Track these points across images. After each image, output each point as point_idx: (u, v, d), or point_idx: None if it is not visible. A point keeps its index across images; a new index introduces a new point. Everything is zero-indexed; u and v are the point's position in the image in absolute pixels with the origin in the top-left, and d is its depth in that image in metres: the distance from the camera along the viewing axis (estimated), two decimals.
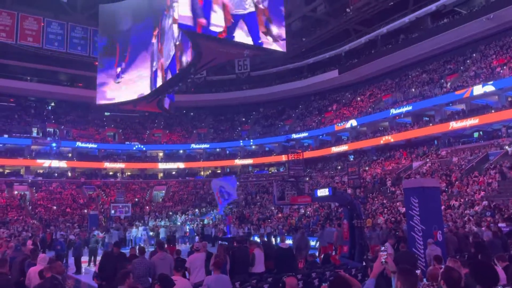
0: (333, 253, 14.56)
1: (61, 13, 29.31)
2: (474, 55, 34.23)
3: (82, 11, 30.30)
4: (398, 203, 23.16)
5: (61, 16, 29.29)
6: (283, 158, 41.62)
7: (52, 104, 49.71)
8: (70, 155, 45.17)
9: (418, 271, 6.03)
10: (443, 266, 5.63)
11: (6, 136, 41.39)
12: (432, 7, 33.80)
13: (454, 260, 5.66)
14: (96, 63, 22.78)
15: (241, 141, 48.59)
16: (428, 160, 29.50)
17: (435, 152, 30.66)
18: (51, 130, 45.76)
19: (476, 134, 30.73)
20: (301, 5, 36.96)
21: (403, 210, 19.51)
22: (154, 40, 17.78)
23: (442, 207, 16.19)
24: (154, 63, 17.61)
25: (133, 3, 19.10)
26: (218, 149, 50.07)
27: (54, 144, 43.40)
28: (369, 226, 17.35)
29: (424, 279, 5.38)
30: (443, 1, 33.02)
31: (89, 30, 29.20)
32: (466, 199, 20.41)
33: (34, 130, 45.07)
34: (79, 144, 44.99)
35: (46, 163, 42.48)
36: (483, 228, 14.08)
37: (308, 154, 40.91)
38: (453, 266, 4.53)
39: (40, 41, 27.65)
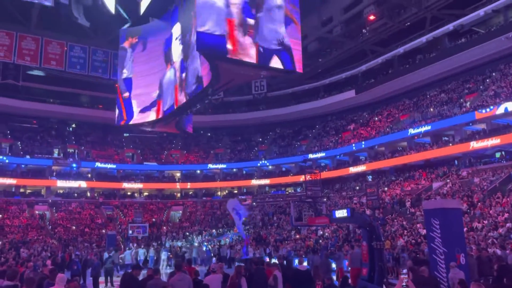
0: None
1: (83, 37, 30.18)
2: (493, 74, 33.81)
3: (104, 35, 31.14)
4: (418, 225, 22.65)
5: (83, 40, 30.14)
6: (300, 178, 41.35)
7: (73, 125, 50.78)
8: (89, 175, 45.81)
9: None
10: None
11: (28, 157, 42.45)
12: (450, 27, 33.70)
13: (478, 284, 5.50)
14: (117, 85, 23.28)
15: (259, 162, 48.57)
16: (448, 180, 28.93)
17: (456, 173, 30.07)
18: (72, 151, 46.62)
19: (498, 154, 30.09)
20: (317, 26, 37.31)
21: (423, 232, 19.08)
22: (172, 62, 18.10)
23: (464, 229, 15.78)
24: (173, 85, 17.88)
25: (152, 26, 19.59)
26: (235, 169, 50.11)
27: (74, 165, 44.14)
28: (388, 248, 17.00)
29: None
30: (461, 21, 32.90)
31: (109, 53, 29.94)
32: (489, 221, 19.85)
33: (56, 151, 45.98)
34: (98, 164, 45.67)
35: (66, 183, 43.17)
36: (507, 251, 13.64)
37: (325, 175, 40.55)
38: None
39: (63, 65, 28.42)
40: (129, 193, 47.61)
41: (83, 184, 44.31)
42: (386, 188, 33.51)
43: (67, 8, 20.82)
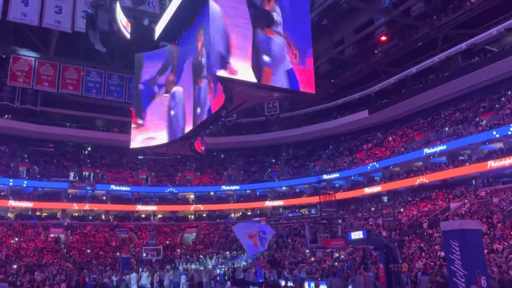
0: None
1: (99, 62, 30.87)
2: (509, 92, 33.45)
3: (119, 60, 31.83)
4: (436, 247, 22.12)
5: (99, 65, 30.84)
6: (315, 199, 41.00)
7: (89, 148, 51.48)
8: (104, 198, 46.12)
9: None
10: None
11: (45, 180, 43.07)
12: (462, 46, 33.61)
13: None
14: (131, 108, 23.60)
15: (272, 183, 48.39)
16: (466, 201, 28.35)
17: (474, 193, 29.48)
18: (87, 173, 47.15)
19: None
20: (329, 48, 37.56)
21: (442, 254, 18.61)
22: (185, 85, 18.33)
23: (485, 251, 15.36)
24: (186, 107, 18.06)
25: (165, 50, 19.94)
26: (248, 191, 49.97)
27: (89, 188, 44.57)
28: (406, 271, 16.60)
29: None
30: (473, 40, 32.81)
31: (125, 77, 30.55)
32: (511, 243, 19.30)
33: (71, 174, 46.56)
34: (113, 187, 46.00)
35: (82, 206, 43.58)
36: None
37: (340, 196, 40.21)
38: None
39: (80, 89, 29.06)
40: (143, 216, 47.69)
41: (97, 207, 44.63)
42: (402, 209, 32.97)
43: (84, 35, 21.42)
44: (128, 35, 18.66)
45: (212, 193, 50.18)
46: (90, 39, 18.33)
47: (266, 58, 12.18)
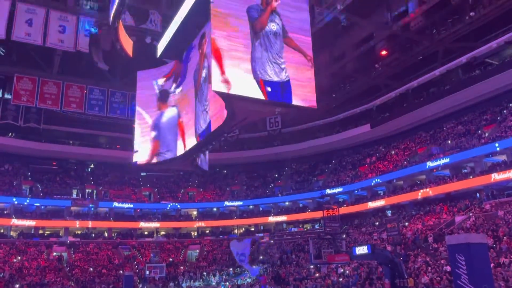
0: None
1: (102, 80, 31.13)
2: (510, 105, 33.45)
3: (122, 77, 32.09)
4: (442, 261, 21.88)
5: (102, 83, 31.11)
6: (318, 214, 40.79)
7: (92, 166, 51.52)
8: (107, 215, 45.97)
9: None
10: None
11: (48, 198, 43.07)
12: (463, 59, 33.73)
13: None
14: (134, 125, 23.71)
15: (275, 198, 48.22)
16: (471, 214, 28.13)
17: (479, 206, 29.26)
18: (90, 191, 47.11)
19: None
20: (330, 62, 37.80)
21: (448, 268, 18.39)
22: (187, 101, 18.44)
23: (491, 265, 15.17)
24: (188, 123, 18.13)
25: (167, 67, 20.13)
26: (251, 206, 49.77)
27: (92, 205, 44.48)
28: (411, 286, 16.39)
29: None
30: (473, 53, 32.96)
31: (127, 94, 30.79)
32: None
33: (74, 192, 46.54)
34: (115, 204, 45.89)
35: (85, 224, 43.44)
36: None
37: (343, 210, 40.01)
38: None
39: (83, 107, 29.30)
40: (146, 233, 47.43)
41: (100, 224, 44.46)
42: (406, 223, 32.72)
43: (87, 53, 21.69)
44: (130, 53, 18.86)
45: (215, 209, 49.95)
46: (93, 58, 18.55)
47: (266, 73, 12.27)
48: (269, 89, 11.84)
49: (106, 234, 45.31)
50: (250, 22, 12.18)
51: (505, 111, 33.49)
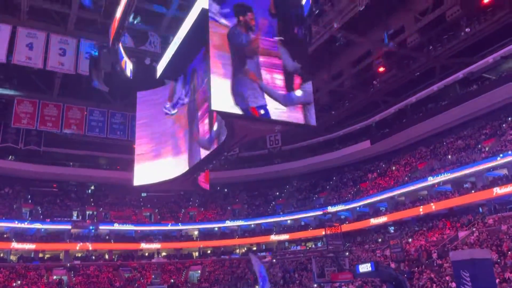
0: None
1: (102, 101, 31.26)
2: (509, 118, 33.55)
3: (122, 98, 32.25)
4: (447, 277, 21.61)
5: (102, 104, 31.23)
6: (321, 232, 40.48)
7: (92, 187, 51.35)
8: (107, 237, 45.60)
9: None
10: None
11: (48, 221, 42.76)
12: (460, 74, 34.00)
13: None
14: (134, 145, 23.75)
15: (277, 216, 47.89)
16: (474, 229, 27.91)
17: (482, 221, 29.06)
18: (90, 213, 46.86)
19: None
20: (328, 80, 38.07)
21: (453, 285, 18.15)
22: (186, 121, 18.52)
23: (497, 281, 14.98)
24: (188, 143, 18.18)
25: (166, 88, 20.30)
26: (253, 225, 49.41)
27: (92, 227, 44.17)
28: None
29: None
30: (470, 69, 33.22)
31: (127, 115, 30.88)
32: None
33: (74, 214, 46.28)
34: (116, 226, 45.61)
35: (85, 246, 43.06)
36: None
37: (346, 227, 39.73)
38: None
39: (83, 129, 29.36)
40: (147, 254, 46.97)
41: (101, 246, 44.03)
42: (410, 239, 32.45)
43: (87, 75, 21.83)
44: (129, 74, 19.01)
45: (216, 228, 49.60)
46: (93, 80, 18.70)
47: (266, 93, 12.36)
48: (262, 111, 11.86)
49: (106, 256, 44.85)
50: (237, 49, 12.23)
51: (504, 125, 33.57)
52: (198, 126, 16.94)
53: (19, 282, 35.94)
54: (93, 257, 43.87)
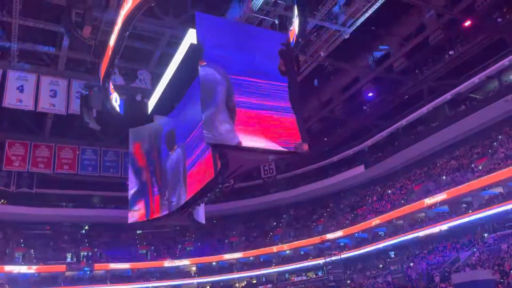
0: None
1: (94, 139, 31.24)
2: (499, 137, 33.93)
3: (114, 136, 32.28)
4: None
5: (94, 143, 31.19)
6: (320, 261, 39.95)
7: (86, 227, 50.49)
8: (103, 278, 44.55)
9: None
10: None
11: (41, 264, 41.78)
12: (448, 96, 34.62)
13: None
14: (128, 182, 23.59)
15: (275, 247, 47.23)
16: (475, 249, 27.71)
17: (481, 240, 28.90)
18: (85, 253, 45.94)
19: None
20: (318, 108, 38.57)
21: None
22: (179, 155, 18.53)
23: None
24: (182, 177, 18.11)
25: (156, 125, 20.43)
26: (251, 258, 48.57)
27: (87, 268, 43.25)
28: None
29: None
30: (457, 90, 33.87)
31: (120, 152, 30.80)
32: None
33: (69, 256, 45.32)
34: (112, 266, 44.69)
35: None
36: None
37: (345, 254, 39.34)
38: None
39: (76, 168, 29.19)
40: None
41: None
42: (411, 264, 32.07)
43: (78, 115, 21.89)
44: (120, 111, 19.10)
45: (214, 263, 48.72)
46: (84, 119, 18.75)
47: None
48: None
49: None
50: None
51: (495, 143, 33.90)
52: (191, 159, 16.95)
53: None
54: None
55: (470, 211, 31.17)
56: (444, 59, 32.15)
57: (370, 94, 37.71)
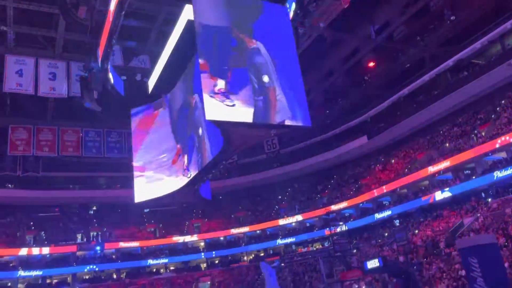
0: None
1: (97, 121, 31.19)
2: (502, 102, 33.67)
3: (116, 117, 32.23)
4: (457, 266, 21.57)
5: (97, 124, 31.15)
6: (326, 232, 40.45)
7: (94, 208, 51.13)
8: (114, 256, 45.44)
9: None
10: None
11: (52, 246, 42.61)
12: (449, 62, 34.21)
13: None
14: (132, 163, 23.70)
15: (283, 220, 47.80)
16: (479, 215, 27.91)
17: (485, 206, 29.08)
18: (95, 233, 46.68)
19: None
20: (320, 80, 38.21)
21: (463, 272, 18.11)
22: (183, 133, 18.53)
23: (506, 264, 14.96)
24: (187, 154, 18.17)
25: (160, 102, 20.36)
26: (258, 231, 49.25)
27: (98, 248, 44.07)
28: None
29: None
30: (459, 56, 33.43)
31: (123, 133, 30.80)
32: None
33: (79, 236, 46.07)
34: (122, 244, 45.48)
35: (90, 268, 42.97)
36: None
37: (351, 225, 39.82)
38: None
39: (80, 150, 29.26)
40: (154, 270, 46.76)
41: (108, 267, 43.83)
42: (416, 231, 32.41)
43: (79, 97, 21.78)
44: (122, 92, 19.01)
45: (222, 238, 49.48)
46: (85, 101, 18.68)
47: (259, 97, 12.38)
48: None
49: (115, 276, 44.63)
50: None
51: (498, 108, 33.67)
52: (193, 137, 16.96)
53: None
54: (102, 277, 43.70)
55: (474, 177, 31.26)
56: (445, 25, 31.60)
57: (371, 64, 37.31)
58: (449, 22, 31.10)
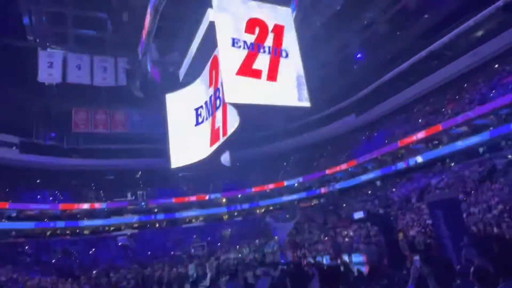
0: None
1: (140, 105, 31.41)
2: (465, 85, 32.76)
3: (156, 100, 32.43)
4: (425, 216, 21.66)
5: (140, 106, 31.37)
6: (322, 191, 40.76)
7: (140, 173, 51.90)
8: (156, 210, 46.65)
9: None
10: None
11: (109, 202, 44.03)
12: (423, 53, 33.27)
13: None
14: (169, 136, 23.96)
15: (287, 181, 48.13)
16: (444, 176, 27.77)
17: (449, 169, 28.87)
18: (141, 192, 47.75)
19: (481, 150, 28.78)
20: (315, 69, 37.40)
21: (430, 221, 18.20)
22: (208, 113, 18.58)
23: (464, 215, 14.96)
24: (208, 131, 18.30)
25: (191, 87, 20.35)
26: (267, 190, 49.77)
27: (143, 203, 45.25)
28: (402, 239, 16.23)
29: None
30: (431, 48, 32.45)
31: (161, 113, 31.05)
32: (484, 206, 18.80)
33: (128, 194, 47.20)
34: (161, 201, 46.56)
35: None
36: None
37: (341, 185, 39.91)
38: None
39: (127, 127, 29.71)
40: (187, 220, 47.89)
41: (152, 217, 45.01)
42: (393, 189, 32.44)
43: (126, 86, 21.93)
44: (158, 81, 19.03)
45: (239, 195, 50.14)
46: (131, 89, 18.79)
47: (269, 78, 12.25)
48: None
49: (157, 225, 45.85)
50: None
51: (462, 91, 32.84)
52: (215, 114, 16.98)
53: (93, 249, 37.09)
54: (148, 225, 45.02)
55: (441, 146, 30.92)
56: (421, 22, 30.54)
57: (359, 56, 36.47)
58: (425, 18, 30.03)
